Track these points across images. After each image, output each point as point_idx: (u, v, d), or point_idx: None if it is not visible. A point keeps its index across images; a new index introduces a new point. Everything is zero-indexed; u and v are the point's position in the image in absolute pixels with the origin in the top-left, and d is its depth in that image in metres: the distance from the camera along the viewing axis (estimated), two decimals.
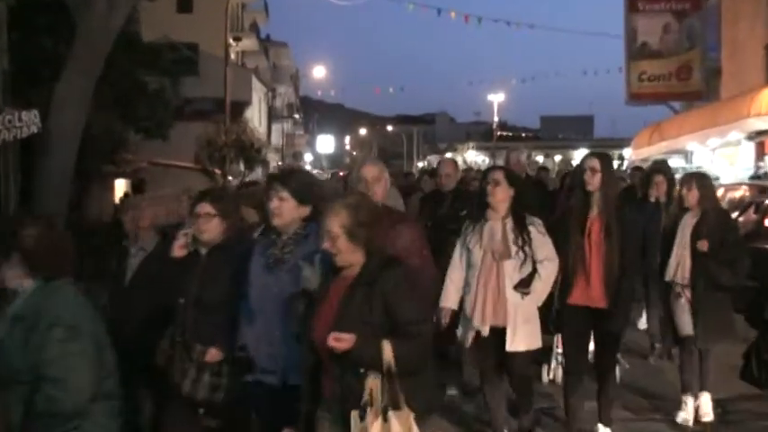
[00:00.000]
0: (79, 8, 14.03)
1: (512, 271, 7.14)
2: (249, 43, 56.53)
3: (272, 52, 72.23)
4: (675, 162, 25.64)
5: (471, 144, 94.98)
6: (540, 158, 66.86)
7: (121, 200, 28.69)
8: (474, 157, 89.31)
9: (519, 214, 7.26)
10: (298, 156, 67.54)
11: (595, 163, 7.52)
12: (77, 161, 14.26)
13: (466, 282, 7.36)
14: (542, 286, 7.19)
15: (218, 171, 33.95)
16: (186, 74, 44.71)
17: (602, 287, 7.40)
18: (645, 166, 18.01)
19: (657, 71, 32.26)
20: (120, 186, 32.56)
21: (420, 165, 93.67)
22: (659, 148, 28.95)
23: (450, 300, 7.40)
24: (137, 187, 30.30)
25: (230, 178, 34.29)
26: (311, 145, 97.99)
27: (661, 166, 12.12)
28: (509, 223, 7.26)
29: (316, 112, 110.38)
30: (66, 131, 13.75)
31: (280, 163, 61.00)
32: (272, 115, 67.19)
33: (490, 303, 7.13)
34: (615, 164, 62.19)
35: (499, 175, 7.34)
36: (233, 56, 46.30)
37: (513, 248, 7.14)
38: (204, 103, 42.21)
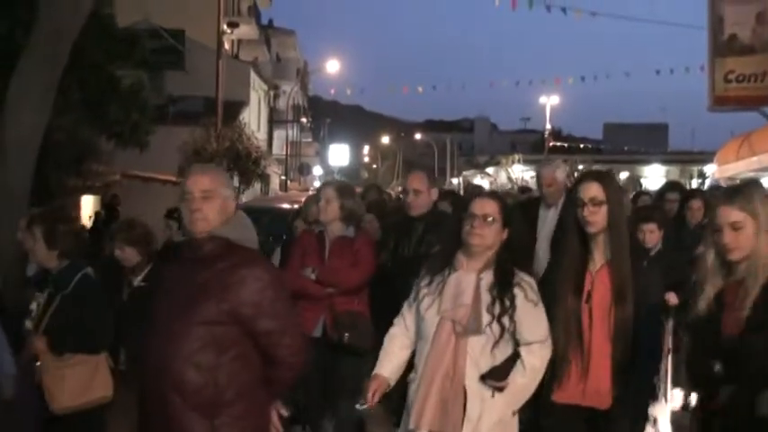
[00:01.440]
0: None
1: (479, 352, 5.84)
2: (247, 30, 56.84)
3: (275, 42, 72.58)
4: None
5: (518, 156, 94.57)
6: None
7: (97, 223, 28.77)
8: (521, 172, 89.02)
9: (505, 267, 6.03)
10: (305, 168, 67.60)
11: (596, 190, 6.21)
12: (37, 173, 14.22)
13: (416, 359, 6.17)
14: (525, 382, 5.93)
15: None
16: (170, 67, 45.15)
17: (605, 378, 6.10)
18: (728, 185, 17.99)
19: (749, 70, 32.09)
20: (89, 203, 32.65)
21: (455, 182, 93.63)
22: (749, 164, 28.78)
23: (384, 367, 6.26)
24: (109, 205, 30.36)
25: None
26: (321, 156, 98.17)
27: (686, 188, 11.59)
28: (486, 278, 6.00)
29: (328, 116, 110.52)
30: (23, 138, 13.57)
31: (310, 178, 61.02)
32: (274, 119, 67.38)
33: (436, 399, 5.80)
34: (695, 182, 61.84)
35: (492, 208, 6.11)
36: (227, 45, 46.50)
37: (486, 318, 5.84)
38: (192, 104, 42.42)
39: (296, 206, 15.77)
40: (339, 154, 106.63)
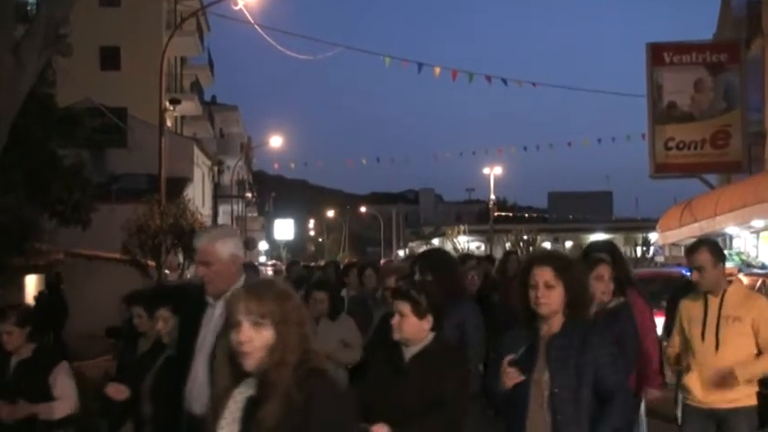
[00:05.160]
0: None
1: None
2: (190, 107, 57.00)
3: (218, 118, 72.80)
4: None
5: (463, 227, 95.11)
6: (547, 244, 66.99)
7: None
8: (466, 242, 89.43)
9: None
10: (251, 243, 67.44)
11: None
12: None
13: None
14: None
15: (151, 263, 33.82)
16: (113, 145, 45.17)
17: None
18: (673, 252, 18.10)
19: (688, 137, 32.46)
20: (32, 283, 32.38)
21: (401, 254, 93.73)
22: (691, 230, 29.02)
23: None
24: (52, 284, 30.13)
25: (167, 272, 34.15)
26: (267, 230, 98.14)
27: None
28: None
29: (272, 191, 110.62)
30: None
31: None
32: (219, 194, 67.24)
33: None
34: (639, 250, 62.32)
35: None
36: (170, 122, 46.49)
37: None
38: (135, 181, 42.34)
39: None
40: (284, 228, 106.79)
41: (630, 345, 8.33)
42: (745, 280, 15.88)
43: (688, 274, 9.42)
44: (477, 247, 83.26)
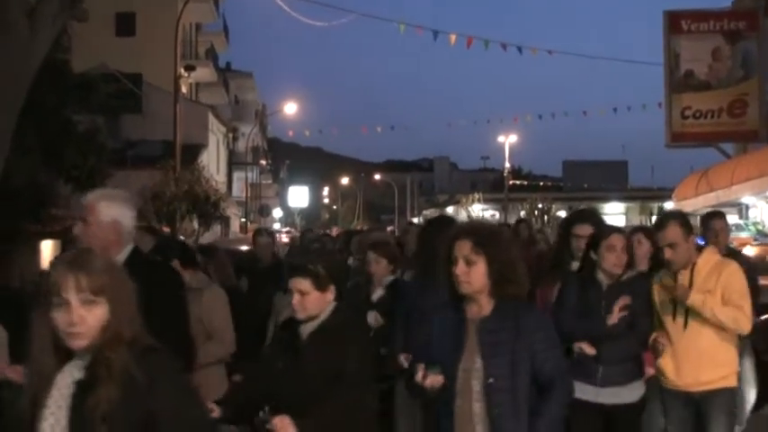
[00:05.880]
0: None
1: None
2: (205, 73, 56.89)
3: (233, 84, 72.64)
4: (728, 218, 25.56)
5: (478, 195, 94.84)
6: (562, 213, 66.81)
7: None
8: (481, 211, 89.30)
9: None
10: (265, 210, 67.50)
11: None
12: None
13: None
14: None
15: (166, 229, 33.86)
16: (127, 111, 45.12)
17: None
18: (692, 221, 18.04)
19: (705, 106, 32.26)
20: (48, 248, 32.44)
21: (415, 221, 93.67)
22: (707, 199, 28.97)
23: None
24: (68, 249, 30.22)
25: (182, 238, 34.20)
26: (281, 197, 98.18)
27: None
28: None
29: (287, 158, 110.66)
30: None
31: (243, 219, 60.89)
32: (234, 161, 67.31)
33: None
34: (654, 219, 62.55)
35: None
36: (185, 89, 46.50)
37: None
38: (150, 147, 42.30)
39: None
40: (299, 195, 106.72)
41: (642, 321, 7.72)
42: (756, 250, 15.81)
43: (702, 243, 8.92)
44: (492, 216, 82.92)
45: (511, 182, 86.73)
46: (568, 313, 7.83)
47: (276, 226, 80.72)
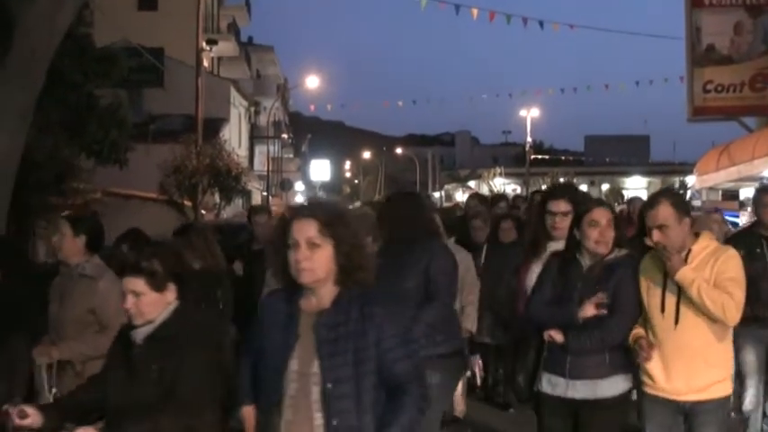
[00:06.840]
0: (16, 2, 13.69)
1: None
2: (227, 47, 56.88)
3: (254, 59, 72.63)
4: (748, 192, 25.48)
5: (499, 170, 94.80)
6: (584, 187, 66.73)
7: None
8: (502, 185, 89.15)
9: None
10: (286, 184, 67.59)
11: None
12: (16, 193, 14.16)
13: None
14: None
15: (188, 203, 33.98)
16: (149, 85, 45.22)
17: None
18: (711, 196, 17.91)
19: (727, 80, 32.08)
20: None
21: (437, 195, 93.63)
22: (729, 174, 28.84)
23: None
24: None
25: (203, 212, 34.31)
26: (303, 171, 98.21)
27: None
28: None
29: (308, 132, 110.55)
30: (1, 157, 13.59)
31: (265, 193, 61.01)
32: (255, 135, 67.38)
33: None
34: (688, 195, 62.23)
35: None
36: (207, 63, 46.52)
37: None
38: (172, 121, 42.44)
39: None
40: (320, 169, 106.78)
41: (627, 307, 6.87)
42: None
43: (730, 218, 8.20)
44: (514, 190, 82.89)
45: (532, 156, 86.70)
46: (539, 298, 7.17)
47: (299, 199, 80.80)
